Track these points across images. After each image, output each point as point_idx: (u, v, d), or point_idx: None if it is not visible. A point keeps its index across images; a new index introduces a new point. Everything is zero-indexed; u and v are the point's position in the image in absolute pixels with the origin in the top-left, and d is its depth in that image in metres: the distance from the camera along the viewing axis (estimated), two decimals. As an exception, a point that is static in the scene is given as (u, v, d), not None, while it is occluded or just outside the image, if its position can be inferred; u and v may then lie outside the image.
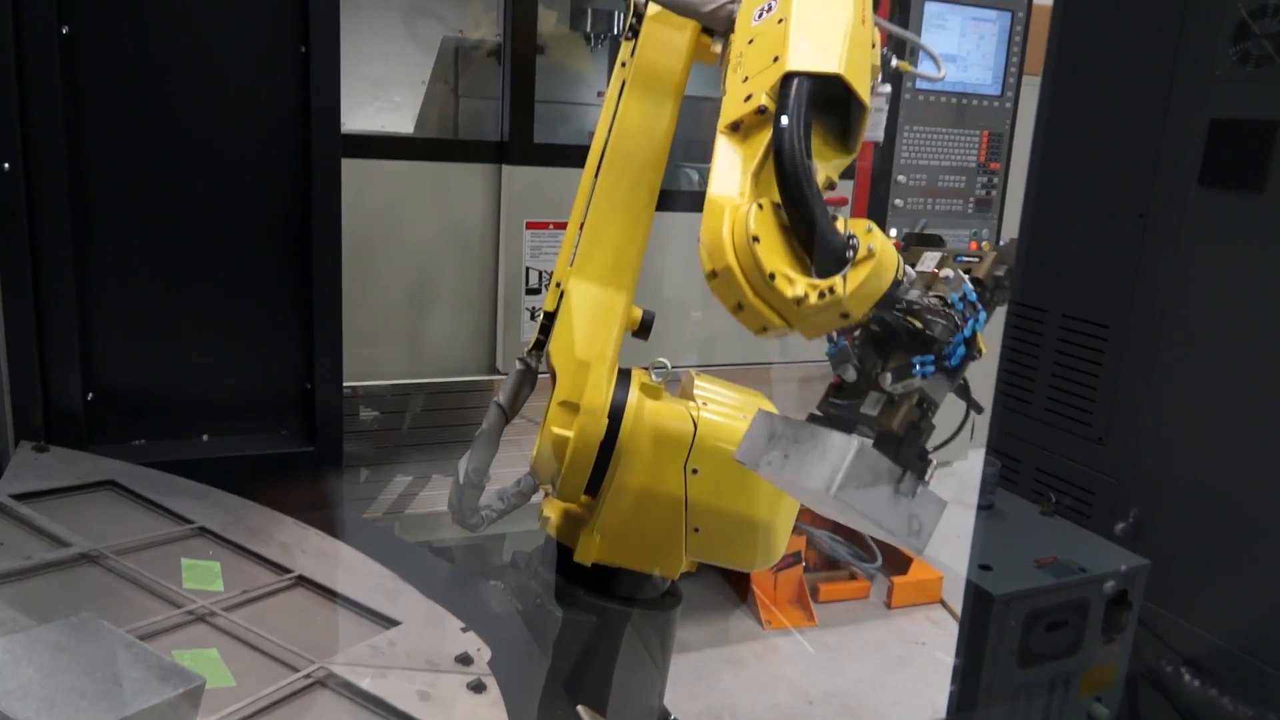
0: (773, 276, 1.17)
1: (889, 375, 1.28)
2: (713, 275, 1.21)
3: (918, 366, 1.27)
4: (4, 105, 1.70)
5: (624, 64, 1.77)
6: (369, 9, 3.10)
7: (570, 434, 1.64)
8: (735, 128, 1.30)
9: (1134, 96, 2.06)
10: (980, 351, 1.33)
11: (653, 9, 1.72)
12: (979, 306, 1.32)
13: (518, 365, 1.86)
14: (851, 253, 1.15)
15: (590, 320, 1.71)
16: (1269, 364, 1.87)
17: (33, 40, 1.71)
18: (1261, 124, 1.85)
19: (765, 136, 1.24)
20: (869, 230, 1.17)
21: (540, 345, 1.82)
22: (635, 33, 1.74)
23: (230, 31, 1.88)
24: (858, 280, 1.15)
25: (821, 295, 1.16)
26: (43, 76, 1.73)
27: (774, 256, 1.18)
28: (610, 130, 1.76)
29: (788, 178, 1.18)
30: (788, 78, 1.22)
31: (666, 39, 1.71)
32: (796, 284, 1.16)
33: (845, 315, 1.19)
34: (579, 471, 1.67)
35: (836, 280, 1.15)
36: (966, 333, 1.30)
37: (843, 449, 1.20)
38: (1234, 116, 1.89)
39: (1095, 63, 2.16)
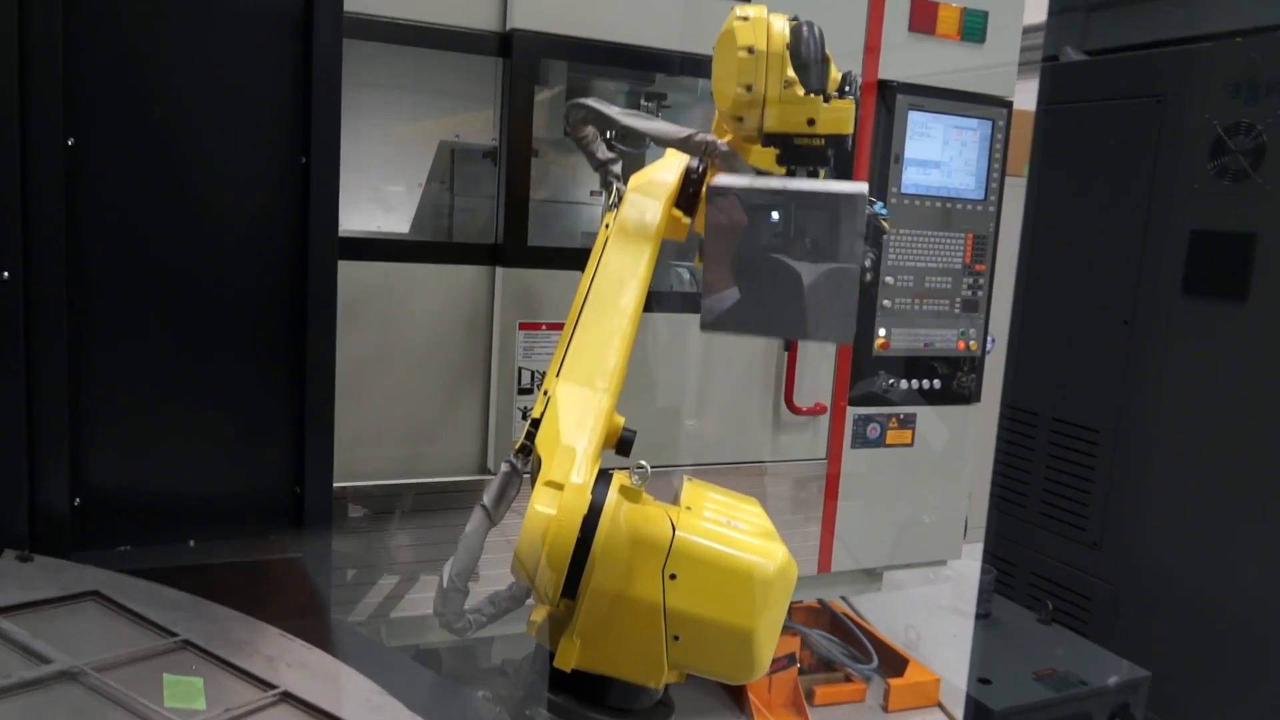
0: (788, 47, 1.63)
1: None
2: (744, 19, 1.65)
3: None
4: (7, 215, 1.72)
5: (607, 225, 1.96)
6: (368, 115, 3.18)
7: (553, 510, 1.63)
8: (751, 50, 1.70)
9: (1115, 206, 2.11)
10: (886, 226, 1.82)
11: (632, 183, 1.96)
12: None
13: (504, 467, 1.86)
14: (838, 94, 1.63)
15: (575, 414, 1.75)
16: (1260, 469, 1.88)
17: (38, 151, 1.74)
18: (1240, 236, 1.90)
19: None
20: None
21: (526, 450, 1.82)
22: (616, 206, 1.98)
23: (233, 142, 1.92)
24: (835, 106, 1.61)
25: (808, 92, 1.61)
26: (46, 186, 1.75)
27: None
28: (599, 262, 1.90)
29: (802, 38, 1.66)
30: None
31: (645, 203, 1.94)
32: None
33: (812, 122, 1.63)
34: (558, 558, 1.65)
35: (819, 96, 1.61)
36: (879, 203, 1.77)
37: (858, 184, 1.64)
38: (1213, 228, 1.95)
39: (1077, 172, 2.23)
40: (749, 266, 1.70)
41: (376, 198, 3.39)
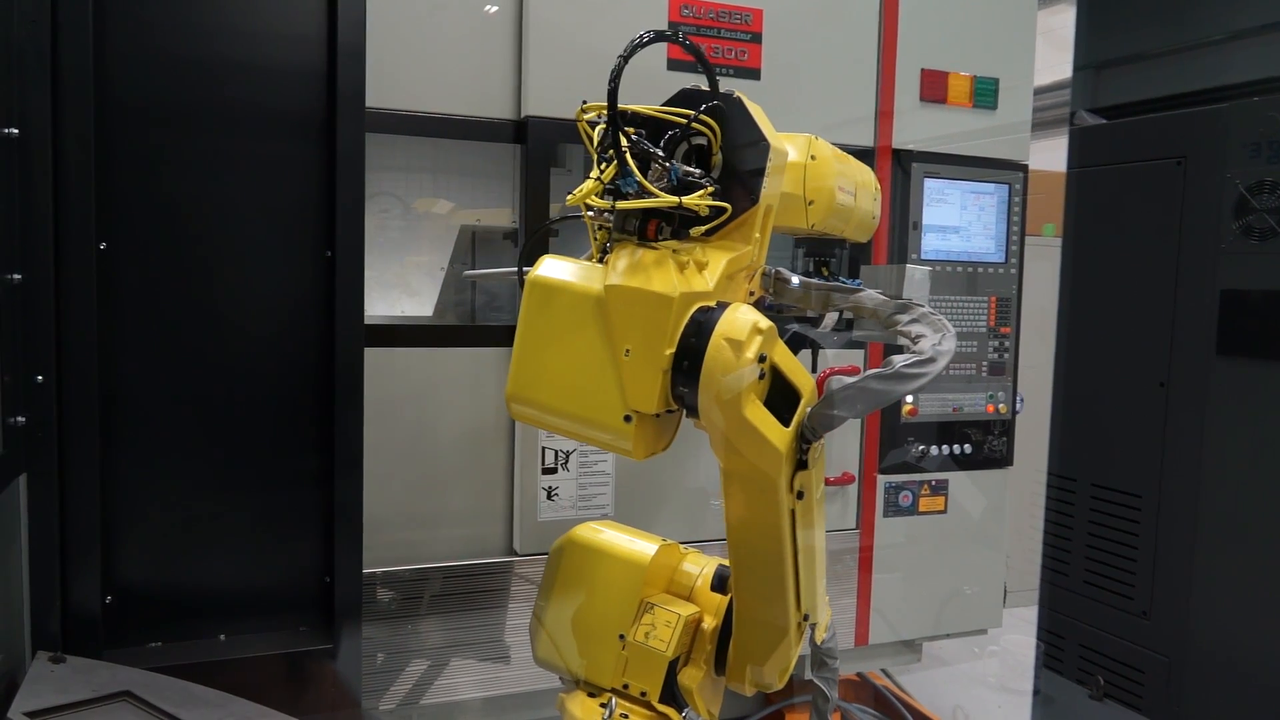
0: None
1: None
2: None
3: None
4: (41, 319, 1.75)
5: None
6: (390, 199, 3.22)
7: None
8: None
9: (1145, 267, 2.10)
10: None
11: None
12: None
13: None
14: None
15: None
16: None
17: (71, 256, 1.78)
18: (1272, 294, 1.88)
19: None
20: None
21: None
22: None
23: (259, 241, 1.96)
24: None
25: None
26: (79, 290, 1.79)
27: None
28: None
29: None
30: None
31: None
32: None
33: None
34: None
35: None
36: None
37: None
38: (1244, 287, 1.93)
39: (1107, 235, 2.22)
40: None
41: (399, 282, 3.42)
